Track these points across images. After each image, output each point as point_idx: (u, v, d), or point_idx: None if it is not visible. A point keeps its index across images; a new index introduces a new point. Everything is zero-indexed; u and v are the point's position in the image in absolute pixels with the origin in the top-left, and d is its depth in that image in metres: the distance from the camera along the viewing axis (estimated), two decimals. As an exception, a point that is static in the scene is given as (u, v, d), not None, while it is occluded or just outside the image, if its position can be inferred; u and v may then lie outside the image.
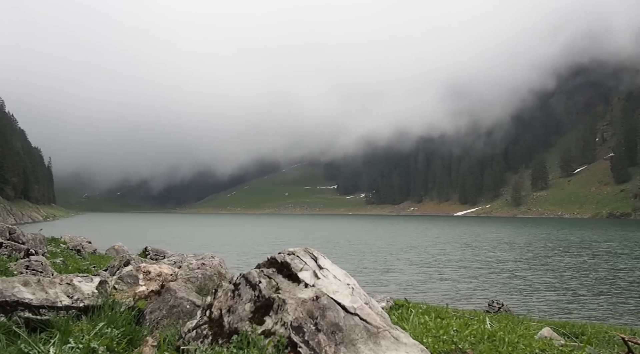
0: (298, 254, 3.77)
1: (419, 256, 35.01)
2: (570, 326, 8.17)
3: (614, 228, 74.10)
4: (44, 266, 7.68)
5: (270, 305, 3.41)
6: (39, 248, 11.07)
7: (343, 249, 40.65)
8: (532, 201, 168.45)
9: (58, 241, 16.48)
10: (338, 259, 27.35)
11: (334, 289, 3.47)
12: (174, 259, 8.23)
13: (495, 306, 11.77)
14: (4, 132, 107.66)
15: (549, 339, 5.46)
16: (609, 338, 7.04)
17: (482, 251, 39.29)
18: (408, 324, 5.25)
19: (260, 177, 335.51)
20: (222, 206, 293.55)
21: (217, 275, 6.18)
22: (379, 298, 8.12)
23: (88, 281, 4.86)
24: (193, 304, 4.49)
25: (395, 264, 30.30)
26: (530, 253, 36.91)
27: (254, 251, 37.95)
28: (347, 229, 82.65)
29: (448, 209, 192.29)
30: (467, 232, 65.76)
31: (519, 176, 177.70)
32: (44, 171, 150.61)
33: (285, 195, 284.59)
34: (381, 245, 45.82)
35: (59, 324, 3.96)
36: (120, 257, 9.58)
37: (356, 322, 3.26)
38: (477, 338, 4.78)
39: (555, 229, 73.36)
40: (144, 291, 4.98)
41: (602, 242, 46.99)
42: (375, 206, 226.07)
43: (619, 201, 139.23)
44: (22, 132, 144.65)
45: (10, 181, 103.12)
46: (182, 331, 3.73)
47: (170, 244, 30.05)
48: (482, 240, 51.35)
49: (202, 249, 24.57)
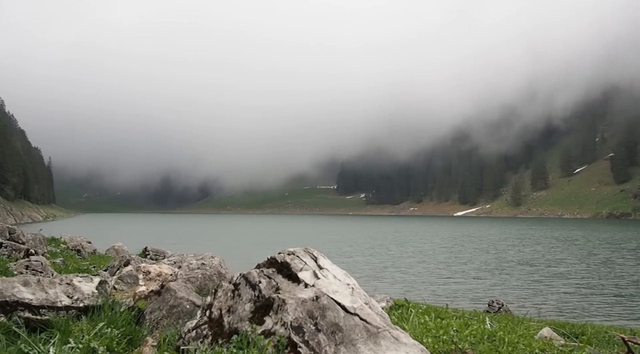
0: (298, 254, 3.77)
1: (419, 256, 35.02)
2: (570, 326, 8.18)
3: (614, 228, 74.09)
4: (44, 266, 7.68)
5: (270, 305, 3.41)
6: (39, 248, 11.07)
7: (343, 249, 40.66)
8: (532, 201, 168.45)
9: (58, 241, 16.47)
10: (338, 259, 27.39)
11: (334, 289, 3.47)
12: (173, 259, 8.23)
13: (495, 306, 11.78)
14: (4, 132, 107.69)
15: (549, 339, 5.46)
16: (609, 338, 7.04)
17: (482, 251, 39.30)
18: (408, 324, 5.25)
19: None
20: (222, 206, 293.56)
21: (217, 275, 6.18)
22: (379, 298, 8.12)
23: (88, 281, 4.86)
24: (193, 304, 4.49)
25: (395, 264, 30.32)
26: (530, 253, 36.91)
27: (254, 251, 37.92)
28: (347, 229, 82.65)
29: (448, 209, 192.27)
30: (467, 233, 65.76)
31: (519, 176, 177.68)
32: (44, 171, 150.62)
33: (285, 195, 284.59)
34: (381, 245, 45.83)
35: (59, 324, 3.96)
36: (120, 257, 9.58)
37: (356, 322, 3.26)
38: (477, 338, 4.78)
39: (555, 229, 73.36)
40: (144, 291, 4.98)
41: (602, 242, 46.98)
42: (375, 206, 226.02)
43: (619, 201, 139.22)
44: (22, 132, 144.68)
45: (10, 181, 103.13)
46: (182, 331, 3.73)
47: (170, 244, 30.04)
48: (482, 240, 51.35)
49: (202, 249, 24.56)
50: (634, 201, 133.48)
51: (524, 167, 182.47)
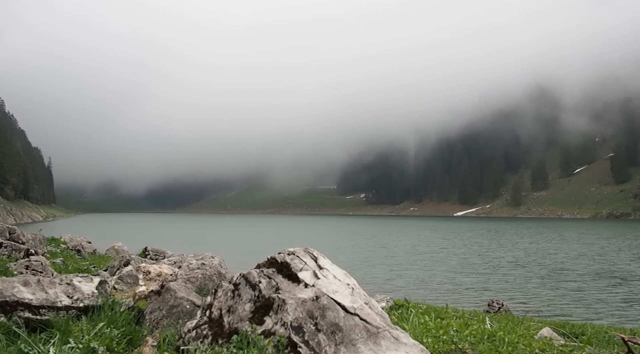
0: (298, 254, 3.77)
1: (419, 256, 35.02)
2: (570, 326, 8.18)
3: (613, 228, 74.09)
4: (43, 266, 7.68)
5: (270, 305, 3.41)
6: (38, 248, 11.07)
7: (343, 249, 40.65)
8: (532, 201, 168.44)
9: (58, 241, 16.47)
10: (338, 259, 27.32)
11: (334, 289, 3.47)
12: (173, 259, 8.24)
13: (495, 306, 11.78)
14: (4, 132, 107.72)
15: (549, 339, 5.46)
16: (609, 338, 7.04)
17: (482, 251, 39.29)
18: (408, 324, 5.25)
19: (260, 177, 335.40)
20: (222, 206, 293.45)
21: (217, 275, 6.18)
22: (379, 298, 8.13)
23: (88, 281, 4.86)
24: (193, 304, 4.49)
25: (395, 264, 30.32)
26: (530, 253, 36.90)
27: (254, 251, 37.86)
28: (347, 229, 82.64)
29: (448, 209, 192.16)
30: (467, 233, 65.75)
31: (519, 176, 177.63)
32: (43, 171, 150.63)
33: (285, 195, 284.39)
34: (381, 245, 45.82)
35: (59, 324, 3.96)
36: (120, 257, 9.56)
37: (356, 322, 3.26)
38: (477, 338, 4.78)
39: (554, 229, 73.36)
40: (144, 291, 4.98)
41: (601, 242, 46.98)
42: (375, 206, 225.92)
43: (619, 201, 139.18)
44: (22, 132, 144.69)
45: (10, 181, 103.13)
46: (182, 331, 3.73)
47: (170, 244, 30.02)
48: (482, 240, 51.35)
49: (202, 249, 24.55)
50: (633, 201, 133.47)
51: (524, 167, 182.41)
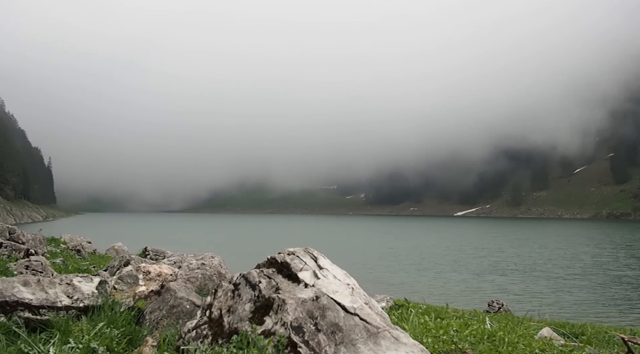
0: (298, 254, 3.77)
1: (419, 256, 35.01)
2: (570, 326, 8.17)
3: (613, 228, 74.06)
4: (43, 266, 7.68)
5: (270, 305, 3.41)
6: (38, 248, 11.06)
7: (343, 249, 40.64)
8: (531, 201, 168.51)
9: (58, 241, 16.45)
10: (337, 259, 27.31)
11: (334, 289, 3.47)
12: (173, 259, 8.23)
13: (495, 306, 11.77)
14: (4, 132, 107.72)
15: (549, 339, 5.46)
16: (609, 338, 7.03)
17: (482, 251, 39.28)
18: (408, 324, 5.25)
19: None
20: (222, 206, 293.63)
21: (217, 275, 6.18)
22: (379, 298, 8.13)
23: (88, 281, 4.85)
24: (193, 304, 4.49)
25: (395, 264, 30.31)
26: (530, 253, 36.90)
27: (254, 251, 37.88)
28: (347, 229, 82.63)
29: (448, 209, 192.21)
30: (467, 233, 65.72)
31: (519, 176, 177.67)
32: (44, 171, 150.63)
33: (285, 195, 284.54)
34: (381, 245, 45.81)
35: (59, 324, 3.95)
36: (120, 257, 9.56)
37: (356, 322, 3.26)
38: (477, 338, 4.77)
39: (554, 229, 73.33)
40: (144, 291, 4.98)
41: (601, 242, 46.98)
42: (375, 207, 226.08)
43: (618, 201, 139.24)
44: (22, 132, 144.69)
45: (10, 181, 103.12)
46: (182, 331, 3.73)
47: (170, 244, 30.01)
48: (482, 240, 51.33)
49: (202, 249, 24.54)
50: (633, 201, 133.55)
51: (524, 167, 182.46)
